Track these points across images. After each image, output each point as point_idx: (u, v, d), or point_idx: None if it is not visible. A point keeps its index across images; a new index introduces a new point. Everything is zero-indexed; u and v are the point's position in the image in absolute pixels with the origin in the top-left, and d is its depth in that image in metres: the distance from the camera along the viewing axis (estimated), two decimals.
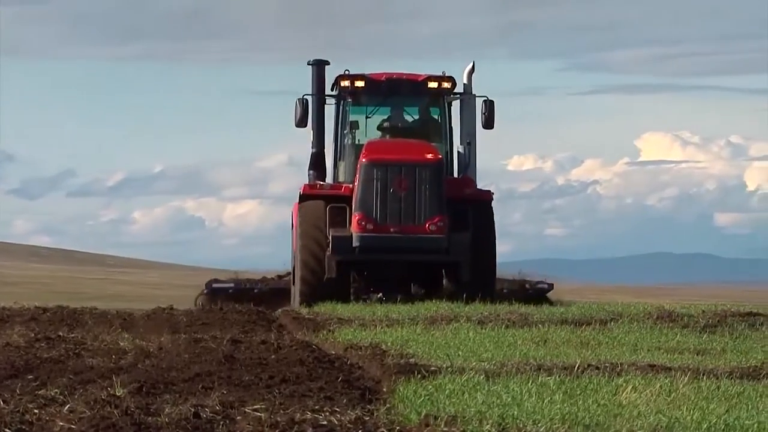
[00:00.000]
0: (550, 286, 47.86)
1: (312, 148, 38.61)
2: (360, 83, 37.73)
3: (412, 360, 24.19)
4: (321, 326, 31.40)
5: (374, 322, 31.40)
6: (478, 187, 39.43)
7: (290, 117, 38.10)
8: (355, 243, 35.65)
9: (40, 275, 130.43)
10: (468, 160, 38.33)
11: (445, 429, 17.09)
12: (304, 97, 37.71)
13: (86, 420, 18.07)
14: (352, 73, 37.11)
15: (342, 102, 38.22)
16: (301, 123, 38.19)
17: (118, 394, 20.75)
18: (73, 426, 17.60)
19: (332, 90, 38.05)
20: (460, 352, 24.89)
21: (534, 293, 46.76)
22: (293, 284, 37.33)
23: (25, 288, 74.75)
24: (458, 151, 39.04)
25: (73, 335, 29.43)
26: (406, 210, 35.66)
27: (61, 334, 29.88)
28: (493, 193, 37.44)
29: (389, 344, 27.27)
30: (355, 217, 36.09)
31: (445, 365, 23.34)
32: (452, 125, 38.29)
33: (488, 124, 37.91)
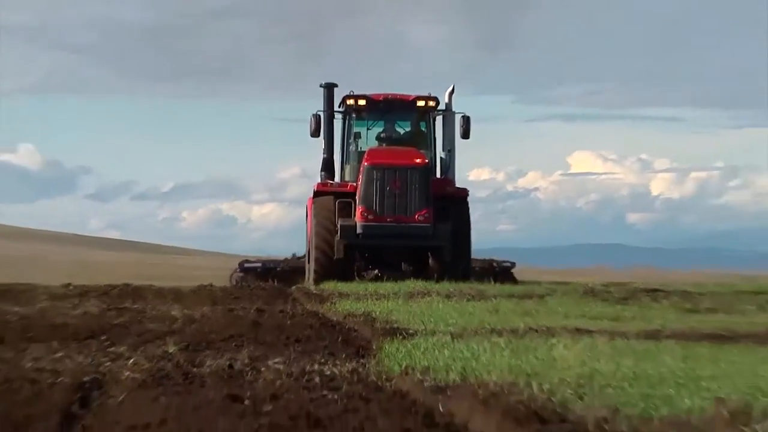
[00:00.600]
0: (513, 264, 49.21)
1: (323, 154, 39.69)
2: (362, 102, 38.98)
3: (395, 325, 24.34)
4: (325, 299, 31.59)
5: (366, 296, 31.77)
6: (457, 186, 40.17)
7: (303, 137, 39.34)
8: (359, 230, 36.56)
9: (111, 260, 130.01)
10: (448, 164, 39.36)
11: (420, 377, 17.39)
12: (317, 112, 38.82)
13: (146, 370, 18.28)
14: (356, 93, 38.32)
15: (348, 117, 39.44)
16: (315, 134, 39.08)
17: (170, 351, 21.02)
18: (136, 375, 17.75)
19: (340, 107, 39.24)
20: (431, 319, 25.20)
21: (500, 270, 47.69)
22: (307, 263, 37.83)
23: (99, 270, 74.60)
24: (441, 157, 39.88)
25: (135, 306, 29.56)
26: (400, 204, 36.52)
27: (126, 305, 30.13)
28: (468, 191, 39.00)
29: (377, 313, 27.38)
30: (359, 210, 36.89)
31: (420, 329, 23.59)
32: (436, 136, 39.50)
33: (465, 135, 39.19)
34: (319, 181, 38.31)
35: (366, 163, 36.37)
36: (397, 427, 13.79)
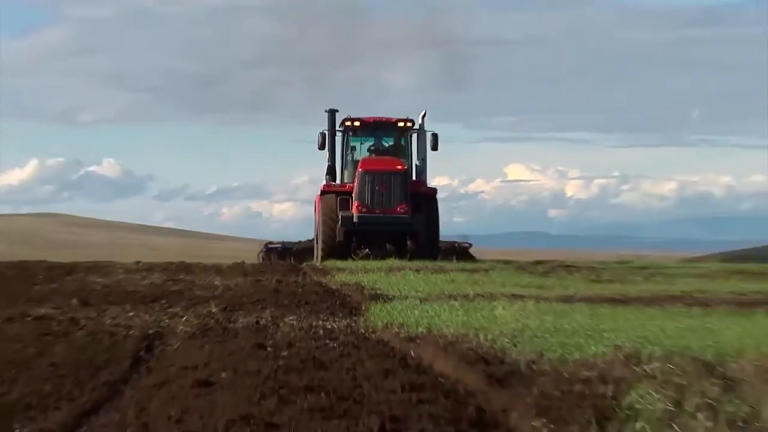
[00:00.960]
0: (470, 245, 49.11)
1: (328, 162, 39.33)
2: (357, 123, 39.10)
3: (378, 292, 24.14)
4: (327, 272, 31.63)
5: (357, 270, 31.75)
6: (428, 186, 40.34)
7: (312, 153, 39.74)
8: (355, 220, 36.26)
9: (169, 244, 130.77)
10: (422, 170, 39.22)
11: (397, 330, 17.44)
12: (323, 131, 39.10)
13: (195, 325, 18.40)
14: (352, 117, 38.84)
15: (346, 134, 39.29)
16: (322, 147, 39.07)
17: (212, 311, 20.84)
18: (187, 329, 17.89)
19: (340, 127, 38.96)
20: (405, 287, 24.99)
21: (461, 250, 47.42)
22: (316, 245, 38.06)
23: (161, 252, 75.58)
24: (416, 164, 39.75)
25: (187, 278, 29.57)
26: (386, 200, 36.34)
27: (180, 277, 30.15)
28: (436, 190, 39.22)
29: (366, 283, 27.32)
30: (355, 204, 36.49)
31: (396, 295, 23.42)
32: (412, 148, 39.68)
33: (434, 147, 39.15)
34: (324, 183, 38.18)
35: (360, 169, 36.13)
36: (380, 368, 13.60)
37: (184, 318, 19.61)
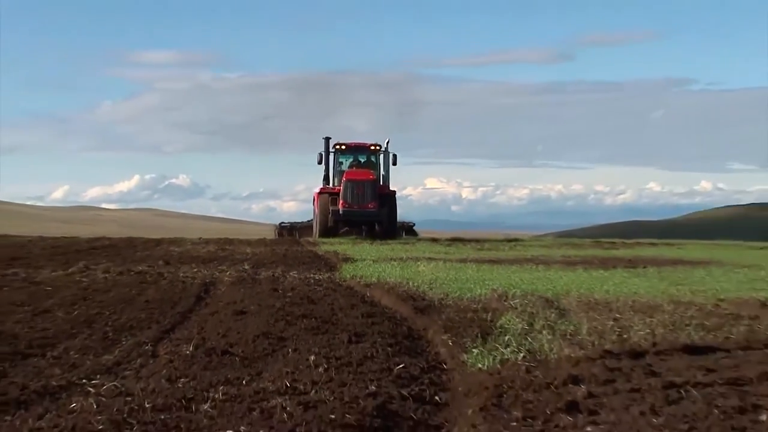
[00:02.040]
0: (413, 224, 46.86)
1: (324, 172, 37.78)
2: (344, 146, 37.92)
3: (347, 256, 23.47)
4: (317, 245, 31.59)
5: (336, 243, 31.84)
6: (391, 188, 39.01)
7: (311, 167, 39.06)
8: (341, 212, 34.95)
9: (219, 227, 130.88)
10: (387, 178, 37.78)
11: (359, 280, 17.38)
12: (320, 152, 37.86)
13: (235, 277, 18.35)
14: (340, 142, 37.90)
15: (336, 153, 38.00)
16: (320, 163, 37.85)
17: (246, 268, 20.68)
18: (229, 279, 17.83)
19: (332, 149, 37.94)
20: (364, 254, 25.05)
21: (408, 228, 45.95)
22: (315, 227, 36.66)
23: (214, 232, 75.45)
24: (383, 175, 38.28)
25: (230, 248, 29.11)
26: (361, 199, 34.91)
27: (225, 247, 29.67)
28: (396, 191, 37.91)
29: (341, 251, 26.46)
30: (340, 202, 34.98)
31: (359, 258, 22.83)
32: (380, 163, 38.10)
33: (394, 163, 38.11)
34: (321, 186, 37.18)
35: (345, 178, 35.12)
36: (348, 303, 13.66)
37: (228, 272, 19.44)
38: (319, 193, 35.45)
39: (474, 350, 9.18)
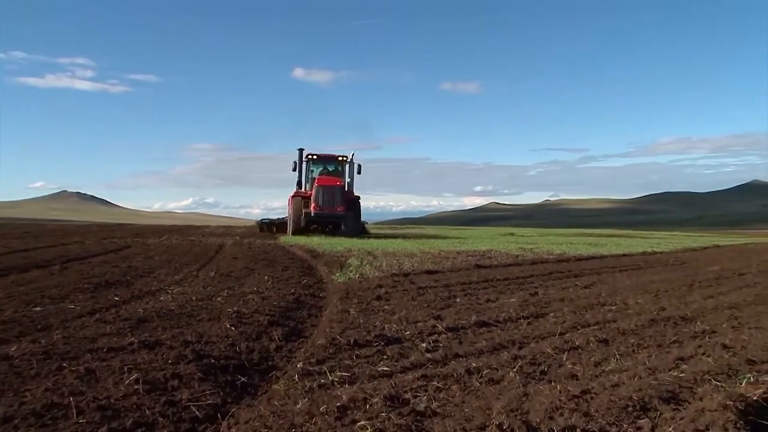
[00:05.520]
0: (366, 222, 37.09)
1: (297, 178, 28.05)
2: (315, 156, 28.39)
3: (292, 240, 20.86)
4: (279, 236, 26.67)
5: (302, 238, 27.07)
6: (355, 194, 28.48)
7: (289, 170, 27.81)
8: (312, 214, 26.16)
9: (225, 222, 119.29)
10: (351, 185, 27.85)
11: (289, 246, 17.29)
12: (295, 161, 28.00)
13: (234, 242, 18.76)
14: (312, 152, 27.98)
15: (308, 163, 28.51)
16: (294, 170, 28.02)
17: (238, 238, 21.49)
18: (231, 243, 18.11)
19: (305, 158, 28.59)
20: (325, 246, 20.65)
21: (364, 227, 37.05)
22: (289, 225, 27.44)
23: (210, 222, 69.60)
24: (348, 182, 27.90)
25: (231, 232, 30.24)
26: (331, 203, 25.98)
27: (229, 230, 31.65)
28: (360, 197, 28.37)
29: (287, 238, 23.38)
30: (312, 205, 26.23)
31: (301, 241, 20.23)
32: (346, 172, 28.18)
33: (359, 172, 27.79)
34: (295, 190, 28.43)
35: (317, 184, 26.86)
36: (282, 252, 14.53)
37: (230, 241, 20.30)
38: (293, 197, 29.27)
39: (337, 273, 9.85)
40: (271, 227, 31.74)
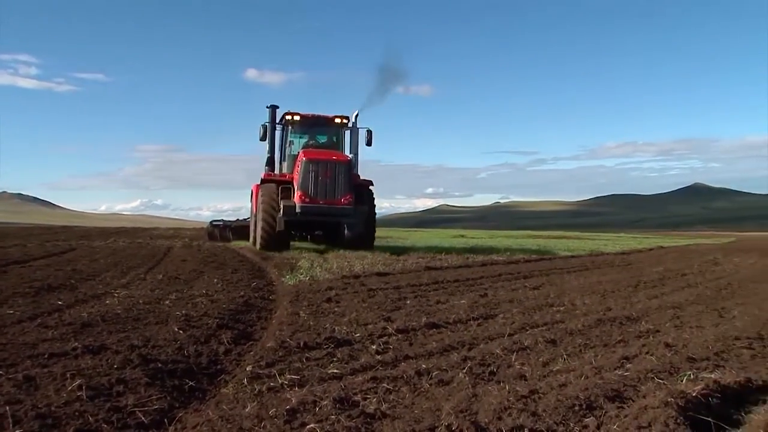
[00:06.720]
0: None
1: (267, 153, 18.19)
2: (297, 117, 18.12)
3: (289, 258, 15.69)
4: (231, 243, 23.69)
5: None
6: (363, 178, 19.88)
7: (242, 168, 23.75)
8: (297, 210, 16.26)
9: (175, 224, 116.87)
10: (355, 164, 17.73)
11: (239, 248, 17.72)
12: (264, 124, 18.11)
13: (183, 245, 18.77)
14: (292, 111, 18.14)
15: (285, 128, 18.41)
16: (263, 139, 18.07)
17: (187, 240, 21.59)
18: (179, 245, 18.14)
19: (280, 122, 18.64)
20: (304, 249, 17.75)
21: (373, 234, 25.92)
22: (253, 232, 18.05)
23: (158, 224, 68.23)
24: (351, 157, 17.54)
25: (181, 234, 30.53)
26: (330, 190, 16.32)
27: (179, 233, 31.81)
28: (372, 182, 18.36)
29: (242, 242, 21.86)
30: (298, 194, 16.38)
31: (274, 252, 16.94)
32: (346, 142, 18.80)
33: (369, 143, 18.11)
34: (264, 173, 18.51)
35: (303, 158, 17.07)
36: (232, 255, 14.29)
37: (179, 243, 20.45)
38: (263, 182, 18.82)
39: (287, 276, 9.73)
40: (225, 232, 24.25)
